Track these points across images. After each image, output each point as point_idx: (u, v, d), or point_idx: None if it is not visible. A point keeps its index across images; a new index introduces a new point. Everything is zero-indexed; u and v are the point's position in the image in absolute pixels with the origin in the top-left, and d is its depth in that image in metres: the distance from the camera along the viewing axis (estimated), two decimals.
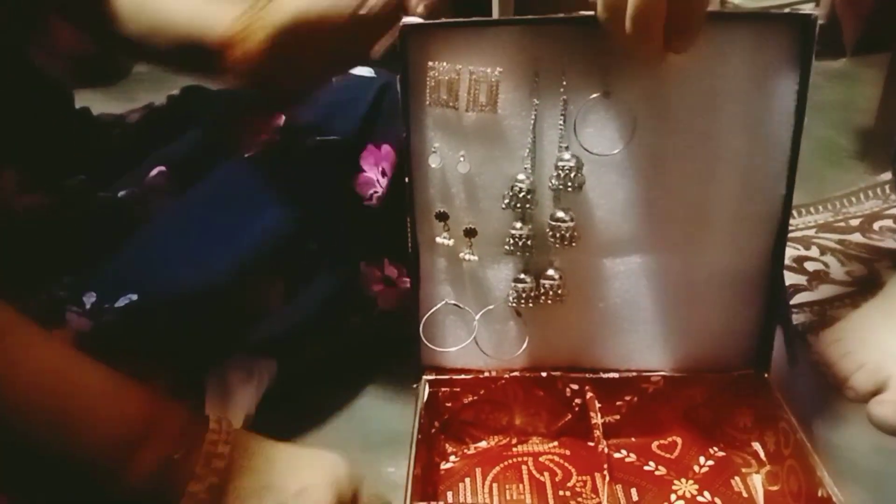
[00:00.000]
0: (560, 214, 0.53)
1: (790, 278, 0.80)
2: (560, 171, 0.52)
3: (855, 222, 0.92)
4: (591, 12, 0.48)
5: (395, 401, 0.67)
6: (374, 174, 0.66)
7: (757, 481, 0.56)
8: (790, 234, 0.85)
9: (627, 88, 0.51)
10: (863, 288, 0.78)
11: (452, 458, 0.60)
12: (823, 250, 0.86)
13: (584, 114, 0.52)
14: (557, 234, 0.52)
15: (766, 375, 0.57)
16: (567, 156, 0.52)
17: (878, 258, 0.83)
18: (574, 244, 0.53)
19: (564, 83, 0.51)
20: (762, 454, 0.57)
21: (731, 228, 0.54)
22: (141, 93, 1.43)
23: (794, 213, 0.94)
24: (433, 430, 0.59)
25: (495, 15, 1.28)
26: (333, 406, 0.67)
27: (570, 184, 0.52)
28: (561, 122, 0.52)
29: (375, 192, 0.66)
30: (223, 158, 0.64)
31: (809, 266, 0.83)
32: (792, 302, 0.76)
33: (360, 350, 0.70)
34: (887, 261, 0.82)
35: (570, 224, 0.52)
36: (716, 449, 0.59)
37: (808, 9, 1.49)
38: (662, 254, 0.55)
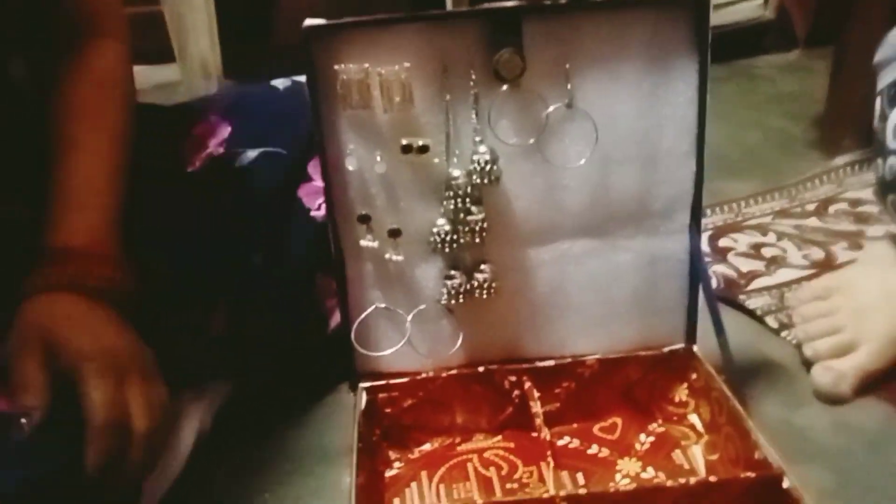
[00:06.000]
0: (471, 208, 0.53)
1: (748, 264, 0.81)
2: (476, 165, 0.52)
3: (811, 207, 0.93)
4: (497, 4, 0.49)
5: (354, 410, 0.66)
6: None
7: (697, 452, 0.57)
8: (747, 222, 0.90)
9: (536, 77, 0.51)
10: (820, 270, 0.79)
11: (397, 464, 0.59)
12: (780, 236, 0.87)
13: (498, 106, 0.52)
14: (467, 228, 0.53)
15: (694, 348, 0.58)
16: (483, 149, 0.52)
17: (834, 240, 0.85)
18: (483, 237, 0.53)
19: (474, 77, 0.51)
20: (699, 426, 0.58)
21: (646, 209, 0.56)
22: None
23: (751, 200, 0.96)
24: (374, 439, 0.58)
25: (449, 5, 1.29)
26: (292, 418, 0.66)
27: (486, 177, 0.52)
28: (474, 115, 0.52)
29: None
30: (166, 178, 0.62)
31: (767, 252, 0.84)
32: (749, 287, 0.78)
33: (316, 365, 0.68)
34: (844, 242, 0.84)
35: (479, 217, 0.53)
36: (655, 425, 0.59)
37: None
38: (584, 239, 0.56)
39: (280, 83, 0.69)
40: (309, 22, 0.49)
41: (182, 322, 0.57)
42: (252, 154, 0.63)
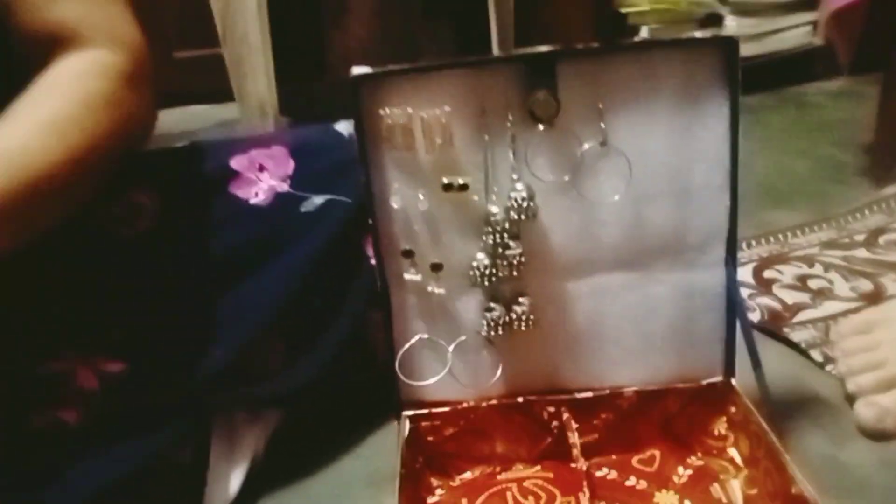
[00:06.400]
0: (509, 243, 0.55)
1: (793, 297, 0.80)
2: (514, 202, 0.54)
3: (860, 238, 0.91)
4: (532, 49, 0.51)
5: (398, 438, 0.68)
6: None
7: (735, 486, 0.57)
8: (793, 254, 0.89)
9: (570, 117, 0.54)
10: (868, 303, 0.77)
11: (439, 491, 0.60)
12: (827, 267, 0.85)
13: (534, 145, 0.54)
14: (505, 262, 0.55)
15: (733, 381, 0.59)
16: (520, 186, 0.54)
17: (884, 272, 0.82)
18: (521, 271, 0.55)
19: (511, 118, 0.54)
20: (738, 459, 0.58)
21: (681, 242, 0.57)
22: None
23: (798, 231, 0.94)
24: (418, 466, 0.60)
25: (495, 43, 1.38)
26: (341, 445, 0.68)
27: (523, 213, 0.54)
28: (511, 154, 0.54)
29: None
30: (221, 198, 0.62)
31: (813, 284, 0.83)
32: (795, 320, 0.77)
33: (365, 395, 0.70)
34: (893, 273, 0.82)
35: (517, 252, 0.55)
36: (694, 458, 0.60)
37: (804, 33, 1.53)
38: (621, 272, 0.58)
39: (343, 128, 0.69)
40: (356, 70, 0.52)
41: (239, 365, 0.60)
42: (318, 200, 0.64)
